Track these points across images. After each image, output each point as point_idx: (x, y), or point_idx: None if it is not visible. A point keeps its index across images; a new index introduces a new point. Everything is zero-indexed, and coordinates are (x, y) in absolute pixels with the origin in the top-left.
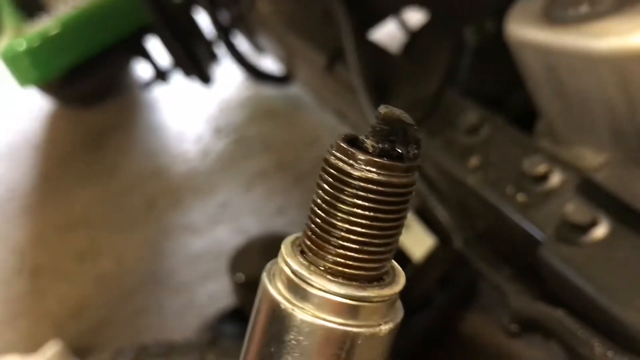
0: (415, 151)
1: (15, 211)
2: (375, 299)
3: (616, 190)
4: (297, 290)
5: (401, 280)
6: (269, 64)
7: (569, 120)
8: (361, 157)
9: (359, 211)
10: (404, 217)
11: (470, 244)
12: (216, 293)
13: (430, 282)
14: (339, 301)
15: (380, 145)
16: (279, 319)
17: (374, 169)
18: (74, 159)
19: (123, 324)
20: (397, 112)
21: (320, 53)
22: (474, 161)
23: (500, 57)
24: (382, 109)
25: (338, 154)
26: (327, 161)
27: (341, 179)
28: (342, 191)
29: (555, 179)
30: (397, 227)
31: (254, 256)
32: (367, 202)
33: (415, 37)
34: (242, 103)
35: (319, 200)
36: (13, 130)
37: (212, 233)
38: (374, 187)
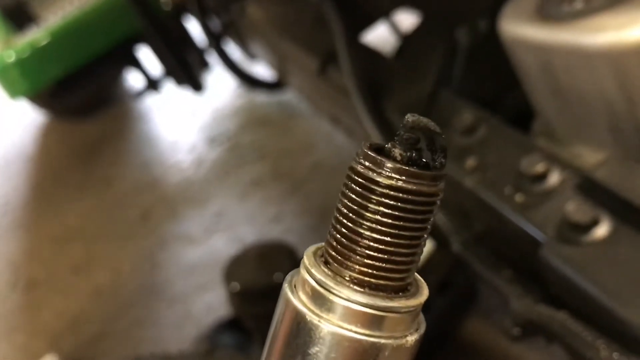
0: (443, 160)
1: (9, 224)
2: (402, 310)
3: (616, 188)
4: (322, 301)
5: (425, 291)
6: (262, 70)
7: (567, 119)
8: (390, 165)
9: (387, 220)
10: (429, 226)
11: (469, 246)
12: (213, 303)
13: (429, 287)
14: (366, 312)
15: (408, 154)
16: (304, 331)
17: (403, 177)
18: (67, 170)
19: (120, 336)
20: (425, 120)
21: (313, 57)
22: (470, 162)
23: (493, 57)
24: (410, 117)
25: (366, 163)
26: (353, 169)
27: (369, 187)
28: (369, 200)
29: (554, 178)
30: (423, 236)
31: (249, 265)
32: (395, 211)
33: (407, 40)
34: (235, 111)
35: (344, 210)
36: (5, 143)
37: (208, 243)
38: (402, 195)
